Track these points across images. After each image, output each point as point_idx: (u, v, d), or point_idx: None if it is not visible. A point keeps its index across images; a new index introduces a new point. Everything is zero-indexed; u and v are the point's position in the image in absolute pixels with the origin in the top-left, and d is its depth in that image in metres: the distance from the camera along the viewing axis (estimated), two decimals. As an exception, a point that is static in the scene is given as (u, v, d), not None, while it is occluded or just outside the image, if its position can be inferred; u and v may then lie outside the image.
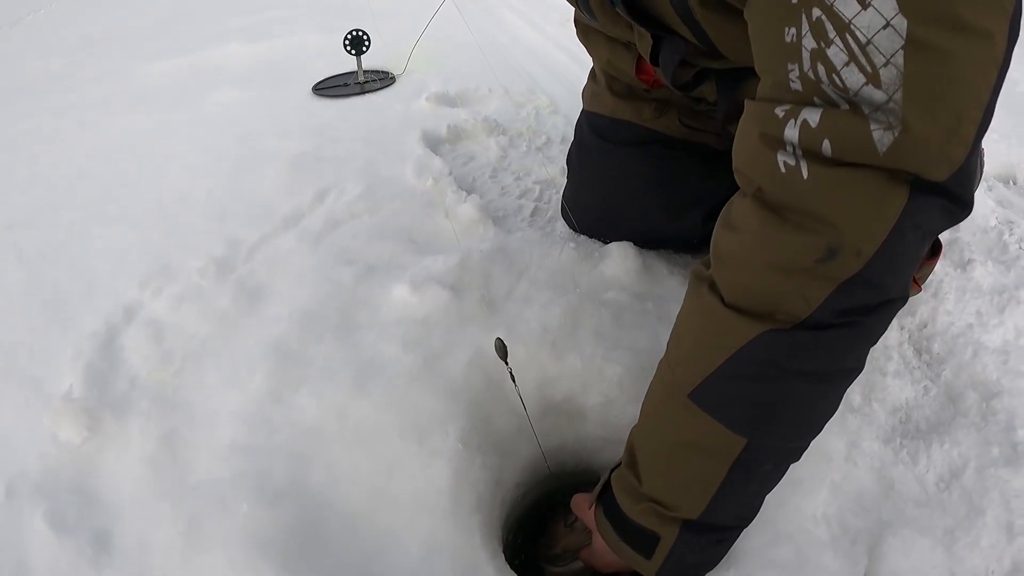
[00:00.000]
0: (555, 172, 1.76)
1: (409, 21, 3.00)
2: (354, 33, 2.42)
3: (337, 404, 1.04)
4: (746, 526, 0.91)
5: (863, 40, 0.66)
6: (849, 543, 1.00)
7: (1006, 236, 1.74)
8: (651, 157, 1.34)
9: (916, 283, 1.46)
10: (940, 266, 1.57)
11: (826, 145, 0.69)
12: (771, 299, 0.76)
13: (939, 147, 0.68)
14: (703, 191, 1.33)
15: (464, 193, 1.57)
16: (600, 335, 1.13)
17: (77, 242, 1.72)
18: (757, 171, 0.75)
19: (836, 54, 0.67)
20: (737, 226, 0.79)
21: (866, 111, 0.67)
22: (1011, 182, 2.41)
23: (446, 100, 2.18)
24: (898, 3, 0.64)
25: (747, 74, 1.09)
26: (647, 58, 1.14)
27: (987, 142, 1.91)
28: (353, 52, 2.42)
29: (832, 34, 0.67)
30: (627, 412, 1.06)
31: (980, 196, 1.92)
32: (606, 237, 1.39)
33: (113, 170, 2.10)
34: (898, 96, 0.66)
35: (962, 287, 1.55)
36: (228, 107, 2.41)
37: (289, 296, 1.30)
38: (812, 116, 0.69)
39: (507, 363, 0.98)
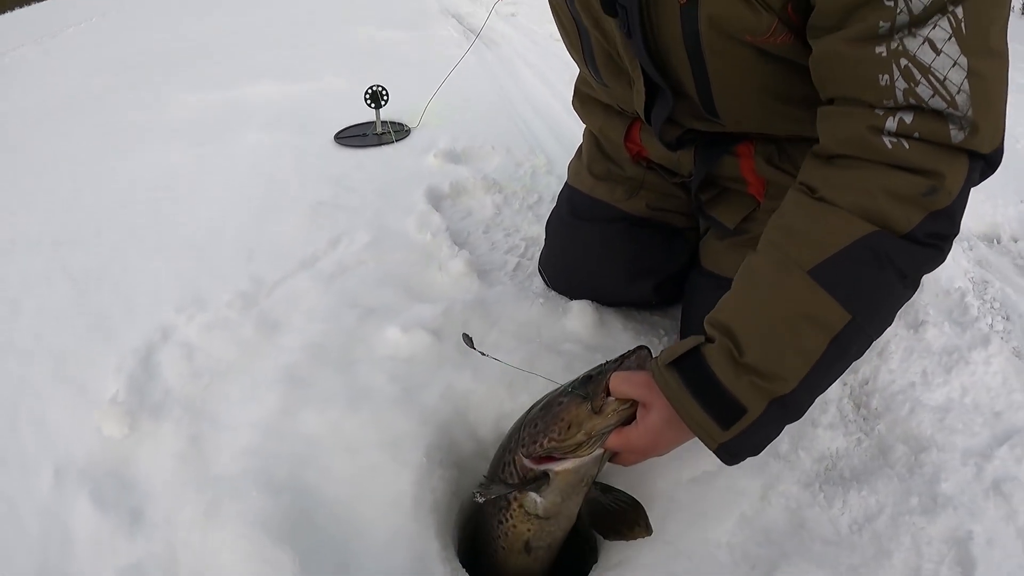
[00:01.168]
0: (541, 230, 2.00)
1: (429, 71, 3.26)
2: (374, 88, 2.67)
3: (333, 420, 1.28)
4: (801, 417, 1.01)
5: (941, 78, 0.91)
6: (748, 568, 1.13)
7: (968, 298, 1.86)
8: (616, 233, 1.57)
9: None
10: (891, 328, 1.67)
11: (917, 134, 0.94)
12: (882, 214, 0.95)
13: (991, 136, 0.95)
14: (657, 265, 1.58)
15: (457, 248, 1.82)
16: (550, 380, 1.37)
17: (119, 266, 1.95)
18: (868, 150, 0.97)
19: (923, 90, 0.92)
20: (851, 165, 1.00)
21: (946, 118, 0.93)
22: (995, 241, 2.54)
23: (452, 157, 2.43)
24: (959, 46, 0.90)
25: (726, 146, 1.35)
26: (640, 113, 1.33)
27: (973, 202, 2.16)
28: (372, 105, 2.67)
29: (918, 76, 0.92)
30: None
31: (953, 258, 2.06)
32: (573, 295, 1.63)
33: (151, 200, 2.34)
34: (969, 113, 0.92)
35: (910, 348, 1.66)
36: (257, 149, 2.66)
37: (302, 330, 1.54)
38: (907, 116, 0.94)
39: (475, 349, 1.20)
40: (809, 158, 1.05)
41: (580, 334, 1.52)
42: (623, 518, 1.11)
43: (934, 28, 0.90)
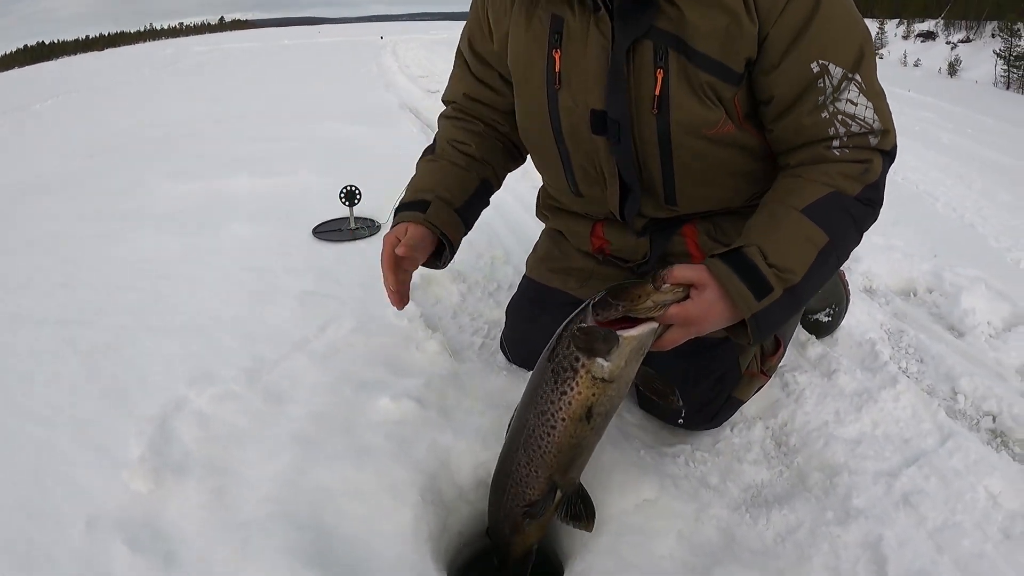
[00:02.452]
0: (501, 314, 2.29)
1: (395, 167, 3.55)
2: (348, 188, 2.98)
3: (341, 472, 1.53)
4: (802, 308, 1.50)
5: (860, 116, 1.43)
6: (688, 573, 1.40)
7: (879, 346, 2.23)
8: (568, 313, 1.89)
9: (764, 375, 1.87)
10: (805, 376, 2.05)
11: (851, 145, 1.44)
12: (838, 185, 1.42)
13: (891, 140, 1.47)
14: None
15: (430, 331, 2.11)
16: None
17: (127, 344, 2.16)
18: (825, 158, 1.46)
19: (853, 126, 1.43)
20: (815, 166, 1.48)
21: (867, 134, 1.44)
22: (911, 294, 2.90)
23: None
24: (864, 96, 1.43)
25: (674, 229, 1.72)
26: (615, 210, 1.66)
27: (891, 260, 2.76)
28: (347, 203, 2.97)
29: (849, 121, 1.43)
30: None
31: (868, 313, 2.48)
32: (531, 367, 1.93)
33: (150, 286, 2.56)
34: (877, 127, 1.44)
35: (824, 392, 1.98)
36: (244, 240, 2.93)
37: (305, 401, 1.79)
38: (844, 139, 1.45)
39: None
40: (781, 175, 1.52)
41: None
42: (661, 390, 1.34)
43: (849, 91, 1.42)
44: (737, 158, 1.57)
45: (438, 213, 1.69)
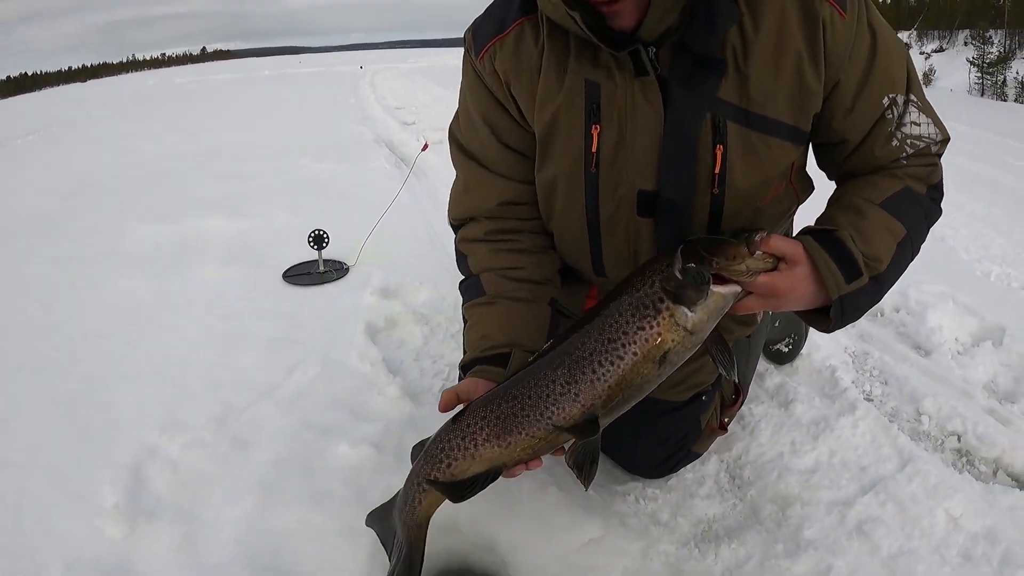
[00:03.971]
0: (460, 357, 2.41)
1: (365, 206, 3.66)
2: (317, 232, 3.08)
3: (301, 516, 1.63)
4: (881, 298, 1.41)
5: (925, 134, 1.42)
6: None
7: (839, 372, 2.25)
8: None
9: (723, 427, 1.87)
10: (762, 407, 2.10)
11: (916, 155, 1.44)
12: (908, 184, 1.41)
13: (944, 148, 1.48)
14: None
15: (392, 375, 2.22)
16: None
17: (99, 391, 2.25)
18: (895, 165, 1.45)
19: (919, 144, 1.42)
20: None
21: (929, 145, 1.43)
22: (879, 314, 2.94)
23: (385, 293, 2.83)
24: (923, 113, 1.42)
25: None
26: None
27: None
28: (315, 247, 3.07)
29: (916, 140, 1.42)
30: (490, 527, 1.64)
31: (832, 337, 2.47)
32: None
33: (121, 332, 2.65)
34: (938, 139, 1.44)
35: (780, 423, 2.02)
36: (214, 284, 3.03)
37: (269, 447, 1.89)
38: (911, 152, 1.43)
39: None
40: (849, 181, 1.49)
41: None
42: (724, 358, 1.30)
43: (910, 114, 1.40)
44: (773, 219, 1.52)
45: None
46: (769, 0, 1.29)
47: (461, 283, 1.62)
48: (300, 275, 3.08)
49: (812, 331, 2.43)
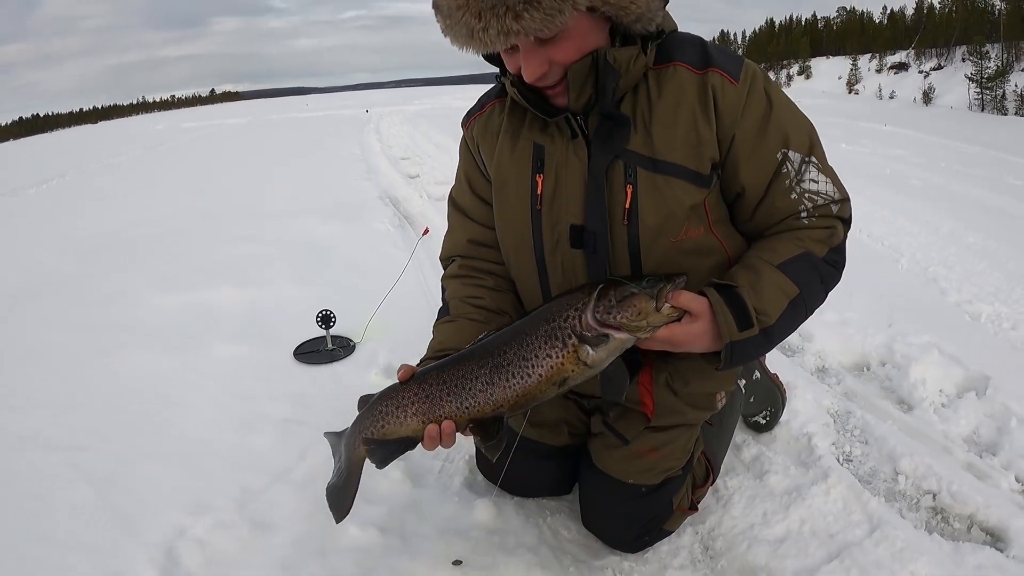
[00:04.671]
0: (459, 437, 2.59)
1: (370, 277, 3.84)
2: (324, 313, 3.28)
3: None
4: (771, 348, 1.67)
5: (823, 191, 1.69)
6: None
7: (815, 439, 2.40)
8: (537, 457, 2.14)
9: (694, 507, 2.10)
10: (737, 479, 2.27)
11: (817, 214, 1.69)
12: (808, 247, 1.66)
13: (847, 208, 1.74)
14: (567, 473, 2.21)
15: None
16: (457, 552, 1.98)
17: (129, 472, 2.39)
18: (795, 226, 1.70)
19: (819, 200, 1.69)
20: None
21: (829, 205, 1.70)
22: (864, 369, 3.13)
23: (390, 372, 3.02)
24: (822, 173, 1.69)
25: (634, 374, 1.87)
26: None
27: (843, 335, 3.15)
28: (323, 327, 3.28)
29: (815, 196, 1.68)
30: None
31: (811, 401, 2.67)
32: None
33: (144, 410, 2.82)
34: (837, 197, 1.71)
35: (754, 494, 2.19)
36: (228, 362, 3.22)
37: (287, 529, 2.09)
38: (812, 211, 1.70)
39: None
40: (759, 240, 1.75)
41: (485, 523, 2.13)
42: (616, 381, 1.59)
43: (809, 172, 1.69)
44: (701, 263, 1.73)
45: None
46: (671, 75, 1.66)
47: (439, 310, 1.98)
48: (309, 352, 3.27)
49: (791, 399, 2.62)
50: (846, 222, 1.74)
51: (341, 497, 1.76)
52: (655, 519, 2.02)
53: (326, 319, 3.29)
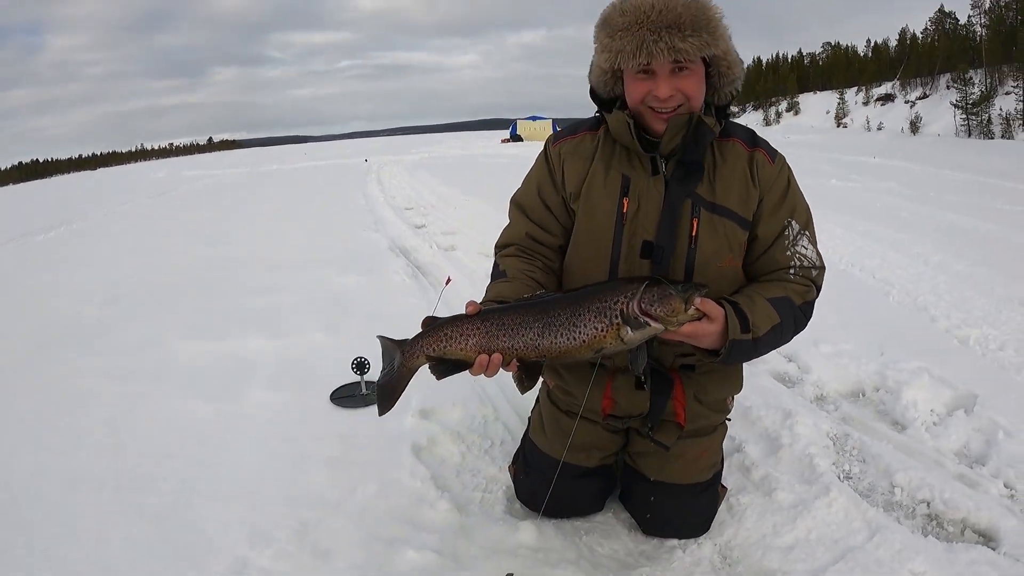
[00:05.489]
0: (496, 470, 2.77)
1: (394, 326, 3.96)
2: (359, 360, 3.45)
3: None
4: (754, 355, 2.10)
5: (811, 256, 2.21)
6: None
7: (817, 459, 2.61)
8: (573, 478, 2.42)
9: (724, 488, 2.52)
10: (748, 497, 2.49)
11: (801, 275, 2.19)
12: (789, 295, 2.13)
13: (822, 277, 2.25)
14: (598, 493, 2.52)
15: (439, 491, 2.59)
16: (508, 568, 2.14)
17: (185, 509, 2.52)
18: (783, 278, 2.18)
19: (806, 263, 2.20)
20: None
21: (811, 268, 2.20)
22: (860, 395, 3.34)
23: (424, 415, 3.19)
24: (812, 244, 2.22)
25: (669, 390, 2.26)
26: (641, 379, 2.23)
27: (838, 366, 3.49)
28: (358, 373, 3.45)
29: (803, 259, 2.20)
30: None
31: (811, 427, 2.89)
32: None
33: (190, 453, 2.95)
34: (818, 264, 2.23)
35: (764, 509, 2.44)
36: (268, 407, 3.37)
37: (346, 556, 2.25)
38: (798, 269, 2.19)
39: None
40: (758, 280, 2.21)
41: (529, 543, 2.34)
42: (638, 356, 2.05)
43: (803, 240, 2.19)
44: (729, 284, 2.18)
45: None
46: (730, 147, 2.18)
47: (492, 274, 2.31)
48: (345, 397, 3.44)
49: (793, 425, 2.91)
50: (818, 288, 2.22)
51: (389, 395, 2.10)
52: (713, 503, 2.46)
53: (360, 366, 3.46)
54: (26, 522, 2.49)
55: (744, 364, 2.38)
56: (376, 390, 2.15)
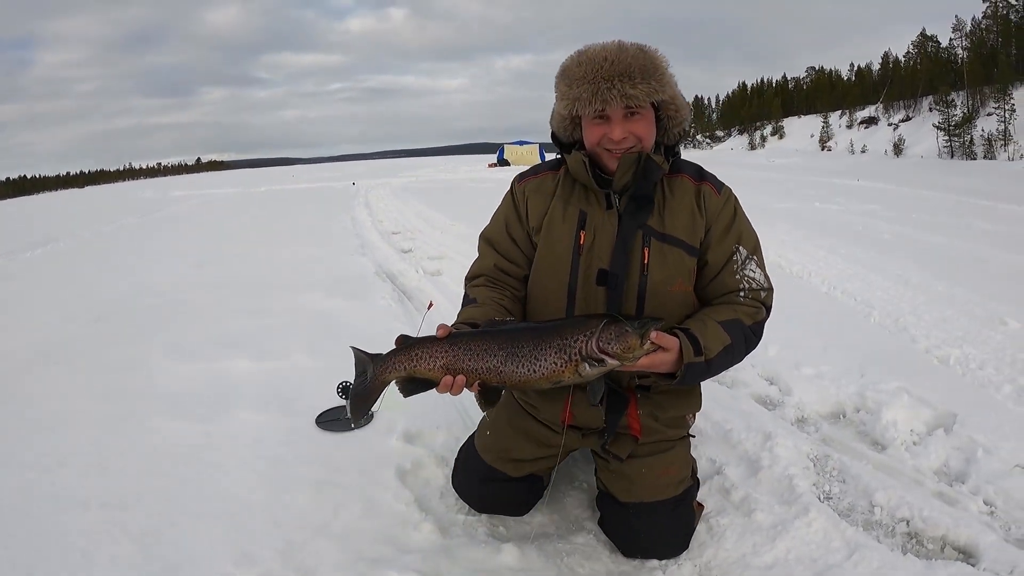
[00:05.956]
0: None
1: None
2: (343, 384, 3.48)
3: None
4: (708, 377, 2.24)
5: (759, 279, 2.35)
6: None
7: (796, 480, 2.65)
8: (500, 483, 2.61)
9: (700, 506, 2.55)
10: (728, 518, 2.54)
11: (751, 296, 2.32)
12: (739, 316, 2.27)
13: (771, 299, 2.38)
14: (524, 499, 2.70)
15: (423, 513, 2.62)
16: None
17: (170, 528, 2.52)
18: (733, 300, 2.33)
19: (754, 286, 2.34)
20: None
21: (759, 291, 2.33)
22: (841, 416, 3.39)
23: (408, 438, 3.22)
24: (760, 268, 2.36)
25: (623, 407, 2.37)
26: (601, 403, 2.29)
27: (819, 388, 3.57)
28: (343, 397, 3.47)
29: (752, 283, 2.34)
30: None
31: (792, 449, 2.92)
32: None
33: (176, 473, 2.95)
34: (766, 287, 2.36)
35: (744, 530, 2.44)
36: (254, 429, 3.37)
37: (329, 575, 2.27)
38: (748, 292, 2.33)
39: None
40: (710, 305, 2.34)
41: (511, 564, 2.37)
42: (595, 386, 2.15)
43: (751, 265, 2.34)
44: (679, 307, 2.33)
45: None
46: (679, 182, 2.36)
47: (463, 303, 2.44)
48: (331, 421, 3.44)
49: (773, 447, 2.94)
50: (768, 308, 2.35)
51: (361, 406, 2.22)
52: (689, 520, 2.49)
53: (346, 390, 3.48)
54: (11, 539, 2.49)
55: (725, 387, 2.55)
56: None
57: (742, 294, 2.32)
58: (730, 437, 3.12)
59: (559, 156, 2.47)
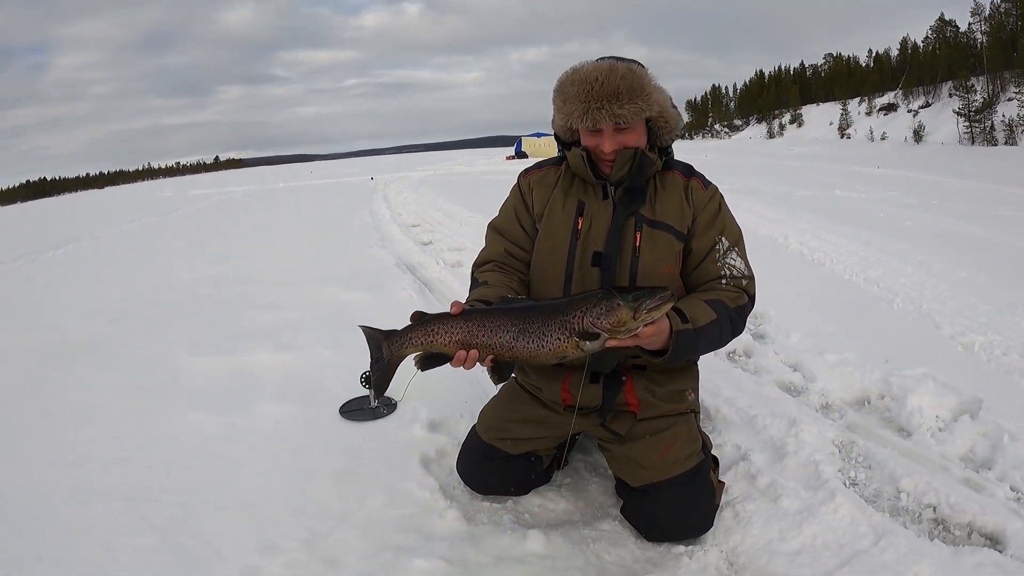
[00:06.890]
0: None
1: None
2: (366, 374, 3.45)
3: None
4: (696, 349, 2.35)
5: (740, 267, 2.48)
6: None
7: (822, 466, 2.63)
8: (497, 461, 2.68)
9: (721, 483, 2.59)
10: (754, 504, 2.52)
11: (732, 284, 2.44)
12: (722, 299, 2.38)
13: (753, 286, 2.50)
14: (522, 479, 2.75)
15: (448, 501, 2.62)
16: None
17: (194, 520, 2.54)
18: (716, 286, 2.44)
19: (736, 274, 2.46)
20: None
21: (741, 279, 2.46)
22: (865, 403, 3.36)
23: (432, 426, 3.22)
24: (741, 258, 2.49)
25: (620, 386, 2.48)
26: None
27: (843, 374, 3.57)
28: (367, 387, 3.46)
29: (734, 270, 2.46)
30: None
31: (816, 435, 2.90)
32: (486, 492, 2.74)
33: (199, 465, 2.96)
34: (747, 274, 2.49)
35: (770, 516, 2.45)
36: (276, 421, 3.38)
37: (356, 566, 2.27)
38: (729, 279, 2.45)
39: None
40: (696, 290, 2.47)
41: (537, 551, 2.36)
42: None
43: (732, 255, 2.47)
44: (672, 281, 2.48)
45: None
46: (670, 178, 2.53)
47: (471, 286, 2.59)
48: (355, 411, 3.45)
49: (799, 433, 2.92)
50: (750, 297, 2.46)
51: (381, 382, 2.31)
52: (709, 495, 2.48)
53: (369, 380, 3.47)
54: (36, 533, 2.51)
55: (749, 374, 2.60)
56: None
57: (724, 280, 2.44)
58: (755, 423, 3.10)
59: (561, 153, 2.62)
